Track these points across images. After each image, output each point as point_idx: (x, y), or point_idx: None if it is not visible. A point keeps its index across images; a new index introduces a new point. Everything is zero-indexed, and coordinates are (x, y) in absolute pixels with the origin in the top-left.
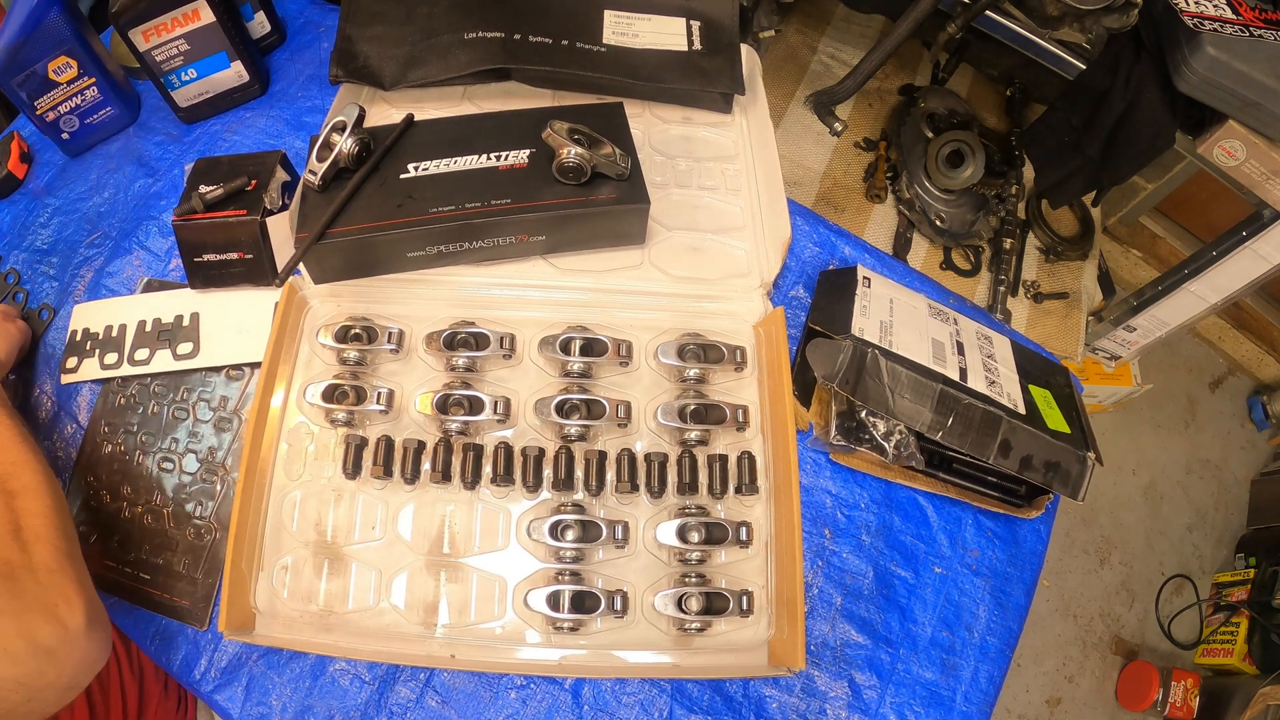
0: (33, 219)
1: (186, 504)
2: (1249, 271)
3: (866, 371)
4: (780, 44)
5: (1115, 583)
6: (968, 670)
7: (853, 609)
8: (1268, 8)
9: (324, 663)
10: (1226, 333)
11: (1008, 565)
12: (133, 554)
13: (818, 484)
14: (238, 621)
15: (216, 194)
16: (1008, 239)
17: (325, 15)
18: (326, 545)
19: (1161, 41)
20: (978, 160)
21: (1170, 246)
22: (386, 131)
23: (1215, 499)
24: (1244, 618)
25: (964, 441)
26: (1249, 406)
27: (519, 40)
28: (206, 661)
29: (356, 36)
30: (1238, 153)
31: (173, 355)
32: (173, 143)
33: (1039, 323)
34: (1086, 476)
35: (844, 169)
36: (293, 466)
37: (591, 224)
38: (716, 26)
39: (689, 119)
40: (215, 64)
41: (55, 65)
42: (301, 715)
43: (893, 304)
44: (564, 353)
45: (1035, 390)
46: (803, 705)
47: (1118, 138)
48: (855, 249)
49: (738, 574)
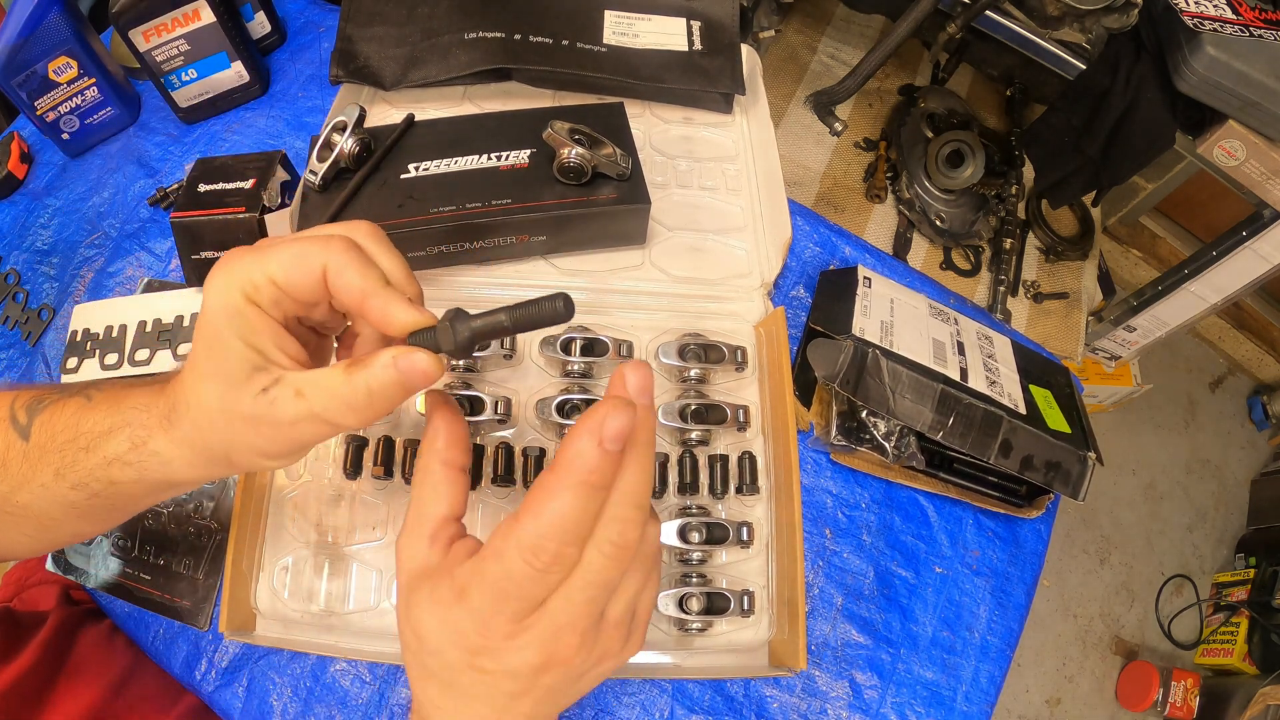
0: (33, 219)
1: (187, 505)
2: (1249, 271)
3: (867, 371)
4: (780, 44)
5: (1115, 583)
6: (968, 670)
7: (853, 609)
8: (1268, 8)
9: (325, 663)
10: (1226, 333)
11: (1008, 565)
12: (133, 554)
13: (818, 484)
14: (238, 622)
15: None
16: (1008, 239)
17: (325, 15)
18: (327, 545)
19: (1161, 41)
20: (978, 160)
21: (1170, 246)
22: (387, 131)
23: (1215, 499)
24: (1244, 618)
25: (965, 441)
26: (1249, 406)
27: (519, 40)
28: (207, 662)
29: (357, 37)
30: (1238, 153)
31: (173, 355)
32: (173, 143)
33: (1039, 323)
34: (1087, 476)
35: (844, 169)
36: (293, 467)
37: (592, 224)
38: (717, 26)
39: (689, 119)
40: (215, 64)
41: (55, 65)
42: (302, 715)
43: (893, 304)
44: (565, 353)
45: (1036, 390)
46: (803, 705)
47: (1118, 138)
48: (855, 249)
49: (739, 574)
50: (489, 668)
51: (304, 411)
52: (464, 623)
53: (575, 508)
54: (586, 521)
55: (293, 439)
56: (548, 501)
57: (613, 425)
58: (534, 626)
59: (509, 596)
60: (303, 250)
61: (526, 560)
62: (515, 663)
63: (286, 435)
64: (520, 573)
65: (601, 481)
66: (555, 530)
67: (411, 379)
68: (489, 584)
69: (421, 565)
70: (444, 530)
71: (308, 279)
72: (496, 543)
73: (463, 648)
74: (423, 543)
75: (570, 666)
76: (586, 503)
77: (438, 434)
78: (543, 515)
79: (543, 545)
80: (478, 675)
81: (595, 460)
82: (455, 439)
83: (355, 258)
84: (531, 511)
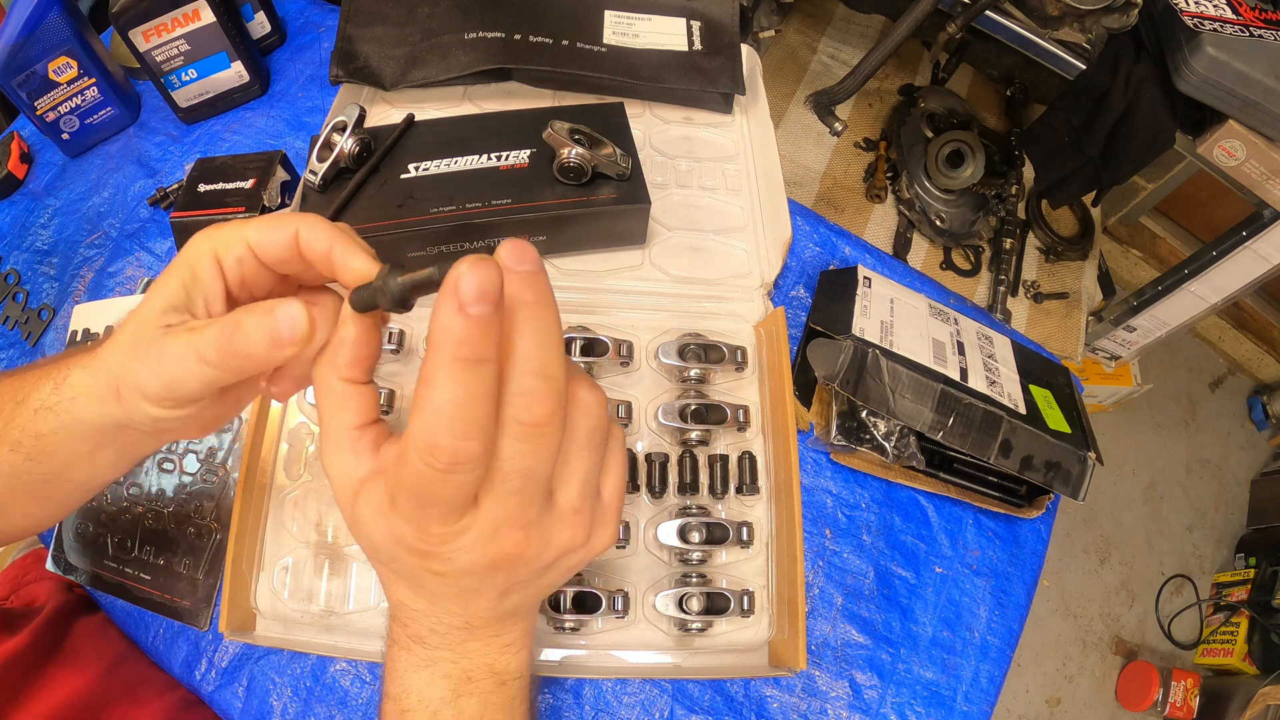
0: (33, 219)
1: (187, 505)
2: (1249, 271)
3: (867, 371)
4: (780, 44)
5: (1115, 583)
6: (968, 670)
7: (853, 609)
8: (1268, 8)
9: (325, 663)
10: (1226, 333)
11: (1008, 565)
12: (134, 554)
13: (818, 484)
14: (238, 622)
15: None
16: (1008, 239)
17: (325, 15)
18: (327, 545)
19: (1161, 41)
20: (978, 160)
21: (1170, 246)
22: (387, 131)
23: (1215, 499)
24: (1244, 618)
25: (965, 441)
26: (1249, 406)
27: (519, 40)
28: (207, 662)
29: (357, 37)
30: (1238, 153)
31: None
32: (173, 143)
33: (1039, 323)
34: (1087, 476)
35: (844, 169)
36: (293, 467)
37: (592, 224)
38: (717, 26)
39: (689, 119)
40: (215, 64)
41: (55, 65)
42: (303, 715)
43: (893, 304)
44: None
45: (1036, 390)
46: (803, 705)
47: (1118, 138)
48: (855, 249)
49: (739, 574)
50: (440, 570)
51: (185, 345)
52: (402, 529)
53: (455, 392)
54: (477, 405)
55: (170, 374)
56: (424, 391)
57: (470, 283)
58: (470, 528)
59: (427, 501)
60: (280, 217)
61: (426, 462)
62: (463, 563)
63: (166, 369)
64: (427, 475)
65: (477, 354)
66: (442, 423)
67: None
68: (406, 490)
69: (352, 476)
70: (362, 438)
71: (281, 237)
72: (399, 445)
73: (411, 552)
74: (346, 457)
75: (525, 561)
76: (469, 384)
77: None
78: (424, 409)
79: (435, 442)
80: (434, 577)
81: (461, 330)
82: (358, 361)
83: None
84: (415, 407)
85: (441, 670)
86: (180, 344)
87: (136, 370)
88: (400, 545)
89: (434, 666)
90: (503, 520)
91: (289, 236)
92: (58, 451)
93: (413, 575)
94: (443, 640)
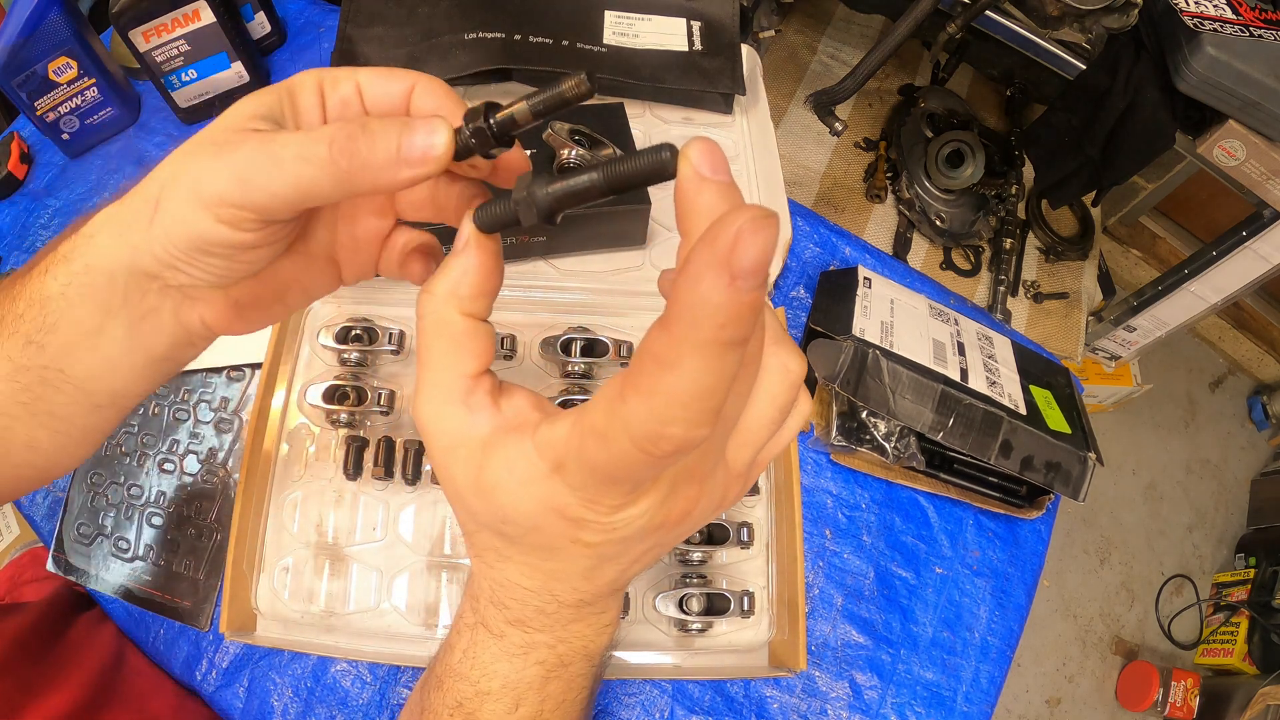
0: (33, 220)
1: (187, 505)
2: (1249, 271)
3: (867, 372)
4: (780, 44)
5: (1115, 583)
6: (969, 670)
7: (853, 609)
8: (1268, 8)
9: (325, 663)
10: (1226, 333)
11: (1008, 565)
12: (134, 555)
13: (818, 484)
14: (239, 622)
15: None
16: (1008, 239)
17: (325, 15)
18: (327, 546)
19: (1161, 41)
20: (978, 160)
21: (1170, 246)
22: None
23: (1215, 499)
24: (1244, 618)
25: (965, 442)
26: (1249, 406)
27: (519, 41)
28: (207, 662)
29: (357, 37)
30: (1238, 153)
31: None
32: (173, 143)
33: (1039, 323)
34: (1087, 477)
35: (844, 169)
36: (293, 467)
37: (592, 225)
38: (717, 27)
39: (690, 119)
40: (216, 64)
41: (55, 65)
42: (303, 716)
43: (893, 304)
44: (565, 354)
45: (1036, 390)
46: (804, 705)
47: (1118, 138)
48: (855, 249)
49: (739, 574)
50: (592, 540)
51: (284, 139)
52: (565, 499)
53: (706, 380)
54: (720, 393)
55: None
56: (659, 373)
57: (750, 252)
58: (650, 493)
59: (619, 479)
60: (396, 70)
61: (644, 449)
62: (628, 531)
63: (247, 159)
64: (637, 460)
65: (742, 335)
66: (679, 413)
67: (416, 137)
68: (590, 466)
69: (468, 434)
70: (478, 388)
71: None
72: (599, 421)
73: (565, 520)
74: (456, 409)
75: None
76: (723, 369)
77: (466, 276)
78: (658, 395)
79: (664, 433)
80: (578, 547)
81: (731, 309)
82: (483, 291)
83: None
84: (643, 389)
85: (536, 657)
86: (277, 139)
87: (201, 167)
88: (554, 513)
89: (530, 653)
90: (682, 477)
91: (404, 89)
92: (59, 325)
93: (547, 547)
94: (549, 621)
